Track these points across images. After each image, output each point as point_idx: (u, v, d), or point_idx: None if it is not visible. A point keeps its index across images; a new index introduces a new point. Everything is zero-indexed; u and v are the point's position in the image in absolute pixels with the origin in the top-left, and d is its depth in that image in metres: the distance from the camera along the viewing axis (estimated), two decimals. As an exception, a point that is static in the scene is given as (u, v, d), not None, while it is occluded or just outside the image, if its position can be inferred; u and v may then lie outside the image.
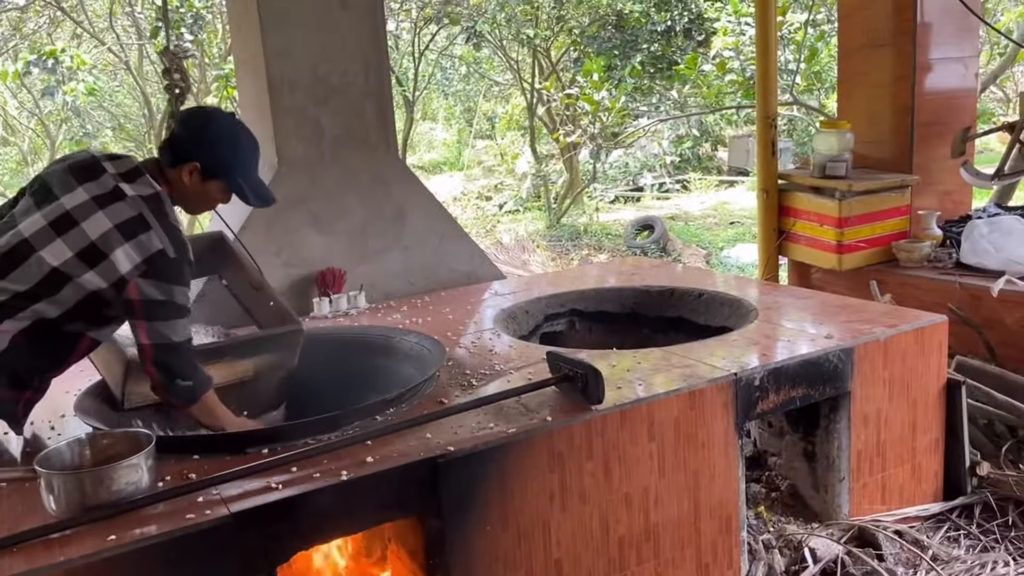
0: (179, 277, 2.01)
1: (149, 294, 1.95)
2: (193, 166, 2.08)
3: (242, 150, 2.15)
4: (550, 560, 2.02)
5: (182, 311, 2.00)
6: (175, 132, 2.14)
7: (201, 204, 2.18)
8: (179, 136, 2.11)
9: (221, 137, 2.12)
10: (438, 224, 3.63)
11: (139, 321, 1.96)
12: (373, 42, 3.40)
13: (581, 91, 8.72)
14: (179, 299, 2.00)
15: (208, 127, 2.12)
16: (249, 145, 2.18)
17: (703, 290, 3.16)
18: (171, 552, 1.60)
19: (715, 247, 9.83)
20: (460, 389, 2.29)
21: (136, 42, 10.02)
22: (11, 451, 2.05)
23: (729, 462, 2.26)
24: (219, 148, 2.11)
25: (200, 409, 2.04)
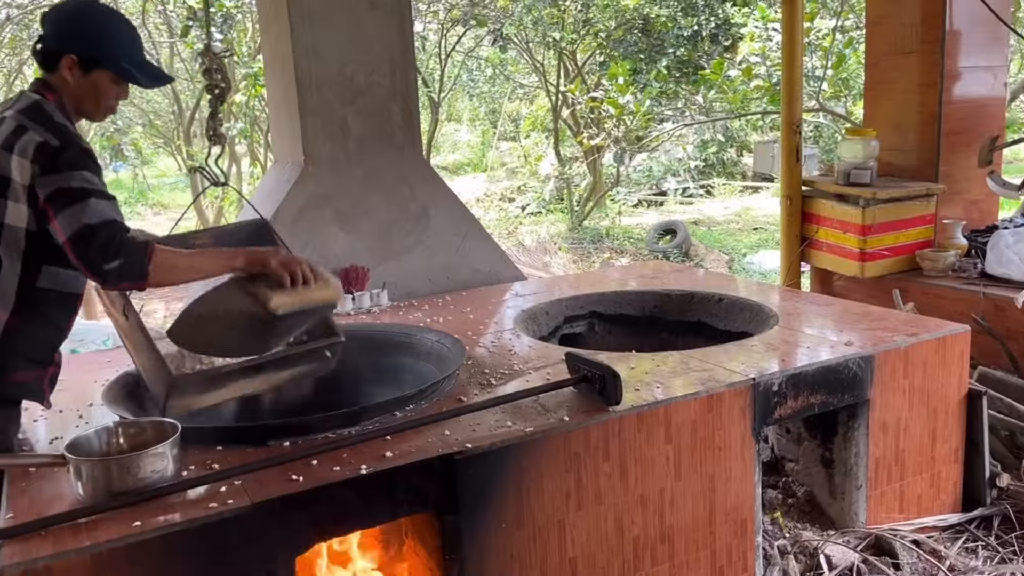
0: (72, 163, 1.87)
1: (48, 188, 1.83)
2: (70, 60, 1.96)
3: (116, 31, 2.03)
4: (565, 559, 2.04)
5: (86, 192, 1.83)
6: (42, 34, 2.02)
7: (96, 102, 2.03)
8: (46, 35, 2.01)
9: (90, 21, 2.01)
10: (461, 224, 3.66)
11: (52, 222, 1.83)
12: (400, 43, 3.43)
13: (606, 94, 8.72)
14: (75, 183, 1.84)
15: (73, 16, 2.01)
16: (122, 25, 2.06)
17: (723, 295, 3.16)
18: (194, 539, 1.63)
19: (738, 253, 9.79)
20: (479, 388, 2.31)
21: (167, 40, 10.16)
22: (38, 437, 2.10)
23: (746, 466, 2.26)
24: (91, 33, 1.99)
25: (160, 272, 1.86)
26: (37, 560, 1.52)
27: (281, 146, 3.60)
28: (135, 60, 2.04)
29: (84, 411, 2.26)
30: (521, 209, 13.15)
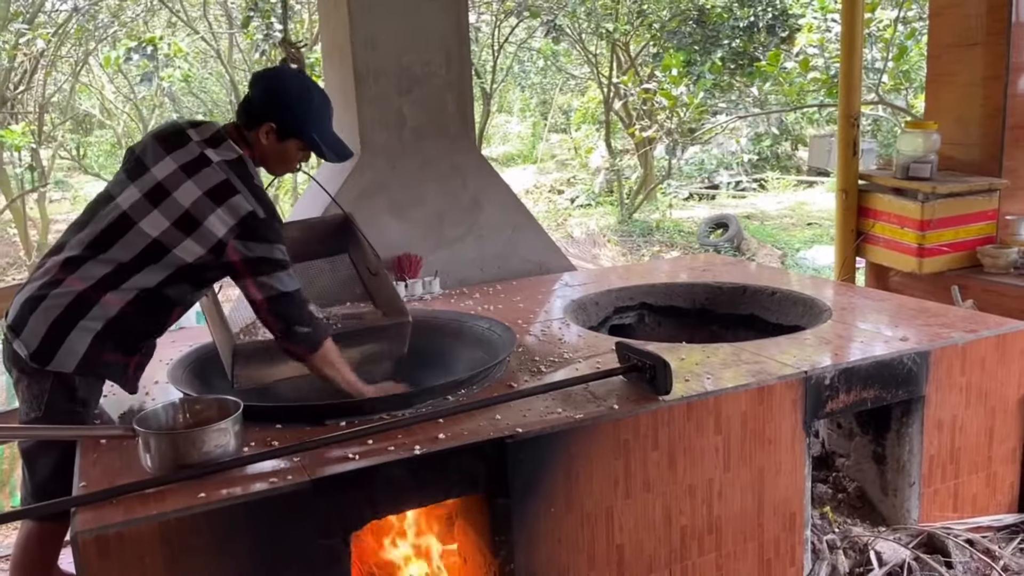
0: (273, 235, 2.07)
1: (249, 253, 2.02)
2: (269, 127, 2.13)
3: (314, 106, 2.18)
4: (612, 545, 2.07)
5: (283, 264, 2.07)
6: (248, 95, 2.20)
7: (281, 164, 2.23)
8: (252, 98, 2.17)
9: (292, 95, 2.16)
10: (512, 214, 3.69)
11: (246, 279, 2.04)
12: (456, 33, 3.47)
13: (659, 86, 8.66)
14: (277, 255, 2.07)
15: (279, 87, 2.18)
16: (321, 101, 2.21)
17: (776, 288, 3.14)
18: (254, 512, 1.69)
19: (791, 248, 9.65)
20: (529, 374, 2.34)
21: (227, 31, 10.37)
22: (109, 412, 2.19)
23: (795, 460, 2.26)
24: (291, 106, 2.15)
25: (323, 359, 2.11)
26: (109, 527, 1.59)
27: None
28: (326, 135, 2.20)
29: (151, 388, 2.35)
30: (570, 201, 13.14)
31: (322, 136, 2.19)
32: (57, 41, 7.61)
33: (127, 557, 1.59)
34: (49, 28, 7.45)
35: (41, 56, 7.84)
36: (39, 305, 2.00)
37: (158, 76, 8.08)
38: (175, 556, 1.63)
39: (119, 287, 2.01)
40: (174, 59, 8.11)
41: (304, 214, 3.48)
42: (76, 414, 2.04)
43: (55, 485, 2.05)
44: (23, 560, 2.18)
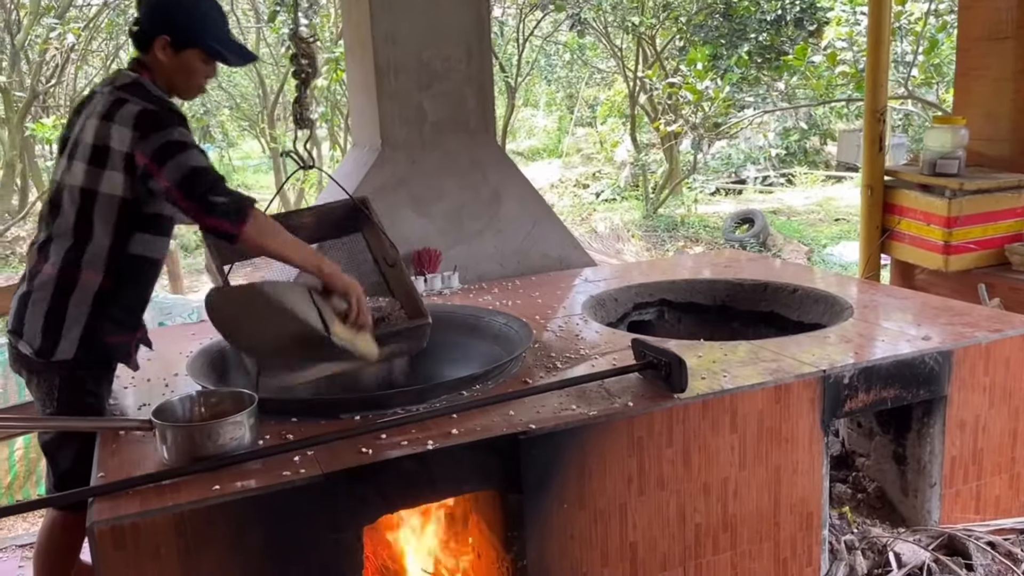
0: (168, 121, 2.00)
1: (150, 146, 1.96)
2: (163, 40, 2.08)
3: (201, 10, 2.14)
4: (625, 543, 2.06)
5: (185, 144, 1.98)
6: (137, 17, 2.16)
7: (187, 80, 2.16)
8: (140, 18, 2.14)
9: (181, 4, 2.13)
10: (532, 209, 3.69)
11: (156, 174, 1.95)
12: (477, 28, 3.47)
13: (684, 80, 8.59)
14: (176, 136, 1.98)
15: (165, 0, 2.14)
16: (209, 5, 2.16)
17: (798, 286, 3.11)
18: (268, 505, 1.71)
19: (818, 244, 9.56)
20: (545, 371, 2.34)
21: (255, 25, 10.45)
22: (127, 403, 2.22)
23: (813, 459, 2.24)
24: (180, 14, 2.11)
25: (259, 231, 1.98)
26: (125, 517, 1.61)
27: (360, 130, 3.68)
28: (223, 39, 2.16)
29: (170, 380, 2.38)
30: (595, 196, 13.10)
31: (220, 41, 2.14)
32: (88, 35, 7.72)
33: (142, 548, 1.61)
34: (80, 22, 7.55)
35: (72, 50, 7.96)
36: (29, 300, 2.05)
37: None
38: (189, 548, 1.65)
39: (85, 258, 2.03)
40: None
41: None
42: (89, 405, 2.07)
43: (77, 476, 2.09)
44: (47, 548, 2.23)
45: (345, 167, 3.80)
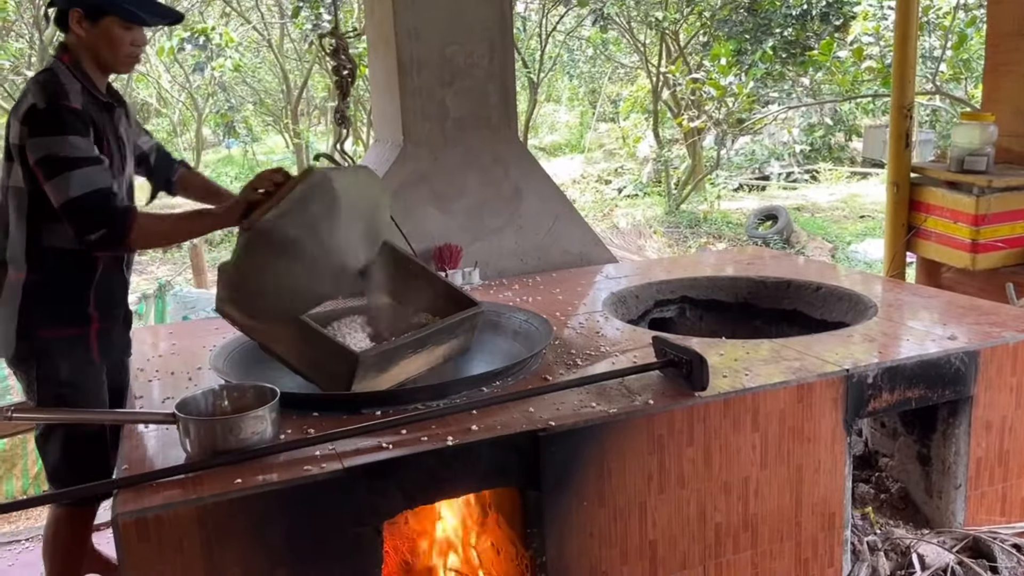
0: (55, 127, 1.94)
1: (36, 154, 1.95)
2: (76, 14, 2.03)
3: None
4: (645, 541, 2.05)
5: (69, 162, 1.93)
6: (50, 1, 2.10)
7: (113, 52, 2.08)
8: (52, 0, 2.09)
9: None
10: (553, 205, 3.68)
11: (42, 182, 1.96)
12: (499, 24, 3.46)
13: (708, 75, 8.53)
14: (58, 150, 1.93)
15: None
16: None
17: (821, 283, 3.08)
18: (289, 499, 1.72)
19: (842, 241, 9.47)
20: (565, 367, 2.34)
21: (278, 21, 10.51)
22: (152, 397, 2.25)
23: (835, 459, 2.22)
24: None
25: (141, 234, 2.00)
26: (148, 510, 1.63)
27: (382, 126, 3.69)
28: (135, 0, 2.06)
29: (193, 374, 2.40)
30: (617, 191, 13.07)
31: (132, 1, 2.04)
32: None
33: (166, 540, 1.63)
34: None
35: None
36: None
37: (210, 66, 8.22)
38: (212, 540, 1.66)
39: (7, 253, 2.06)
40: (225, 49, 8.24)
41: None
42: (62, 397, 2.09)
43: (66, 471, 2.13)
44: (54, 542, 2.27)
45: (367, 162, 3.81)
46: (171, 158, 2.53)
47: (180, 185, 2.52)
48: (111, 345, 2.25)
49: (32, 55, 8.04)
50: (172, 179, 2.50)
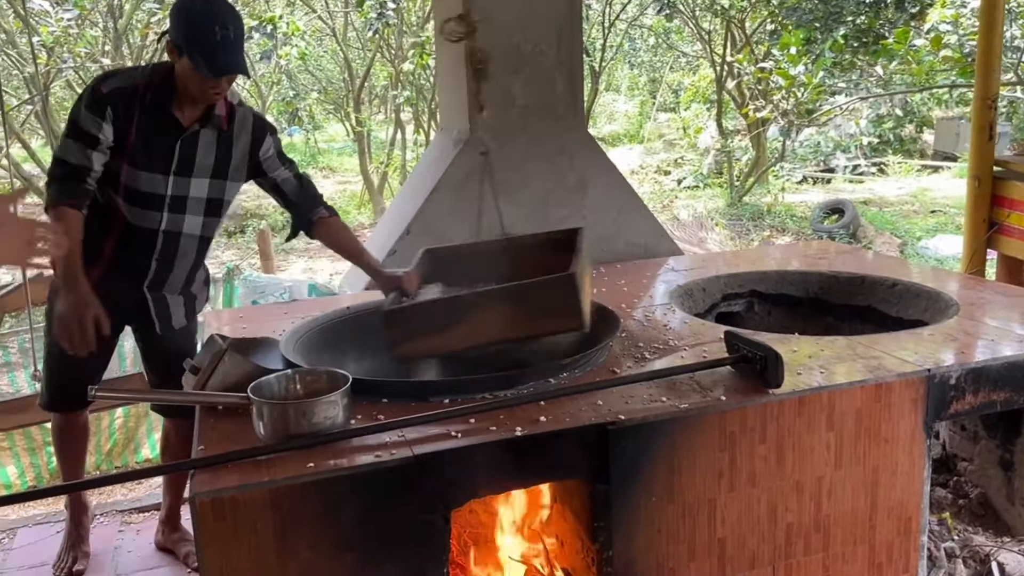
0: (77, 104, 2.30)
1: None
2: (169, 44, 2.24)
3: (188, 17, 2.20)
4: (714, 538, 2.02)
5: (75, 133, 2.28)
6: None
7: (186, 86, 2.28)
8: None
9: (178, 9, 2.23)
10: (619, 196, 3.64)
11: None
12: (568, 12, 3.42)
13: (776, 64, 8.33)
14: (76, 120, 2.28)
15: (176, 3, 2.26)
16: (198, 12, 2.20)
17: (897, 280, 2.98)
18: (360, 485, 1.73)
19: (911, 236, 9.19)
20: (632, 360, 2.30)
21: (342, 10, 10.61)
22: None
23: (914, 462, 2.14)
24: (176, 20, 2.23)
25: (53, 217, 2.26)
26: (224, 490, 1.66)
27: (448, 114, 3.69)
28: (205, 48, 2.18)
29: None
30: (677, 183, 12.90)
31: (200, 49, 2.18)
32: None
33: (240, 521, 1.66)
34: (178, 8, 7.79)
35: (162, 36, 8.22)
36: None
37: (276, 54, 8.34)
38: (284, 522, 1.68)
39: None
40: (291, 38, 8.36)
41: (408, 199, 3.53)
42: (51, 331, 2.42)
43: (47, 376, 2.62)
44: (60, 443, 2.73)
45: (432, 151, 3.82)
46: (313, 197, 2.59)
47: (319, 231, 2.58)
48: (108, 300, 2.36)
49: (106, 43, 8.27)
50: (312, 220, 2.57)
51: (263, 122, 2.56)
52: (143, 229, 2.43)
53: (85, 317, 2.25)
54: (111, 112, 2.29)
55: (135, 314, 2.56)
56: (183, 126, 2.39)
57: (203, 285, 2.71)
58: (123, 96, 2.31)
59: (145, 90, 2.34)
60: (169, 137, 2.38)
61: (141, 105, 2.34)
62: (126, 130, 2.33)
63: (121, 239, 2.44)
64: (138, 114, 2.33)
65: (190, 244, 2.52)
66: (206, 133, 2.43)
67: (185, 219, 2.47)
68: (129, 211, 2.41)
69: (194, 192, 2.45)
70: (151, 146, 2.37)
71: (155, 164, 2.38)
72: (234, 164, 2.50)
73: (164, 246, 2.48)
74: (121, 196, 2.39)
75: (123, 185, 2.38)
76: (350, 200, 11.97)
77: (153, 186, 2.39)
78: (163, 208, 2.42)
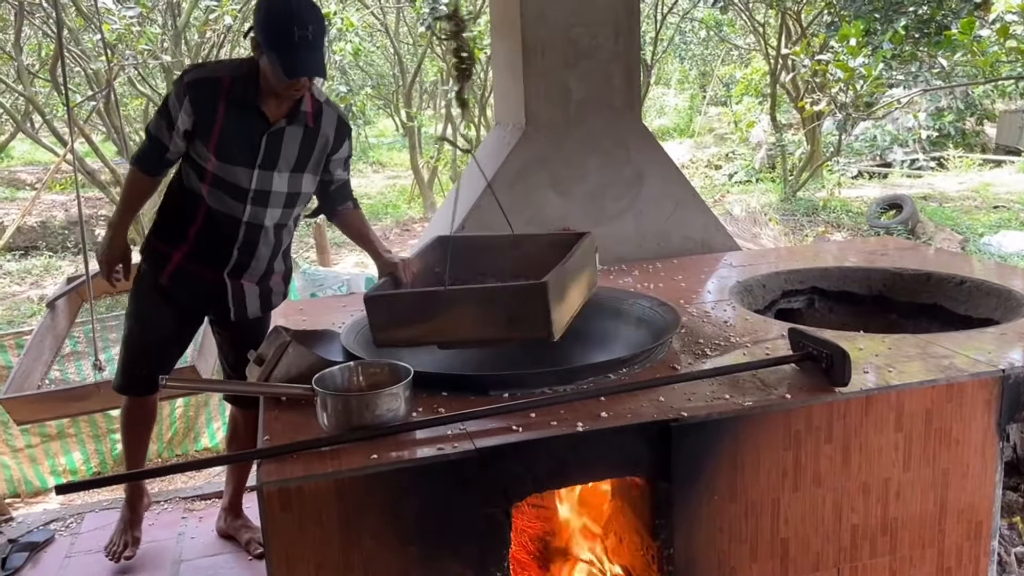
0: (174, 83, 2.43)
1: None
2: (253, 40, 2.31)
3: (268, 16, 2.24)
4: (776, 538, 1.99)
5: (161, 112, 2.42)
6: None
7: (267, 82, 2.34)
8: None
9: (259, 5, 2.28)
10: (675, 190, 3.60)
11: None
12: (626, 4, 3.39)
13: (836, 56, 8.15)
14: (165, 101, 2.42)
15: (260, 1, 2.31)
16: (277, 11, 2.23)
17: (965, 277, 2.90)
18: (423, 477, 1.74)
19: (973, 233, 8.94)
20: (693, 357, 2.28)
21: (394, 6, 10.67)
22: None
23: (985, 464, 2.08)
24: (257, 16, 2.28)
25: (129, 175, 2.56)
26: (290, 480, 1.68)
27: (504, 108, 3.69)
28: (281, 49, 2.22)
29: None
30: (728, 177, 12.73)
31: (277, 50, 2.23)
32: (242, 17, 8.09)
33: (306, 510, 1.68)
34: (236, 4, 7.93)
35: (228, 31, 8.36)
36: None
37: (331, 49, 8.42)
38: (349, 513, 1.70)
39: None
40: (346, 33, 8.43)
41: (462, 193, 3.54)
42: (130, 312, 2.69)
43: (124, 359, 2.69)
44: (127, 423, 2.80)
45: (487, 146, 3.82)
46: (347, 193, 2.72)
47: (340, 218, 2.72)
48: (188, 283, 2.56)
49: (165, 40, 8.45)
50: (337, 209, 2.70)
51: (346, 124, 2.60)
52: (226, 217, 2.48)
53: (113, 260, 2.63)
54: (189, 102, 2.36)
55: (213, 300, 2.61)
56: (269, 121, 2.42)
57: (282, 280, 2.73)
58: (205, 87, 2.37)
59: (231, 84, 2.38)
60: (255, 132, 2.41)
61: (226, 98, 2.37)
62: (210, 121, 2.38)
63: (204, 225, 2.50)
64: (222, 107, 2.38)
65: (271, 236, 2.57)
66: (292, 130, 2.45)
67: (267, 212, 2.51)
68: (213, 199, 2.47)
69: (276, 187, 2.49)
70: (236, 139, 2.41)
71: (240, 157, 2.42)
72: (314, 159, 2.54)
73: (246, 236, 2.52)
74: (207, 184, 2.45)
75: (209, 173, 2.44)
76: (400, 195, 12.06)
77: (237, 178, 2.43)
78: (246, 200, 2.47)
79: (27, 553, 2.92)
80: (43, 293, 7.53)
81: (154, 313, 2.60)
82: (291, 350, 2.05)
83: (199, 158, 2.43)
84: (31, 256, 9.15)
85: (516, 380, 2.08)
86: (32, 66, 9.76)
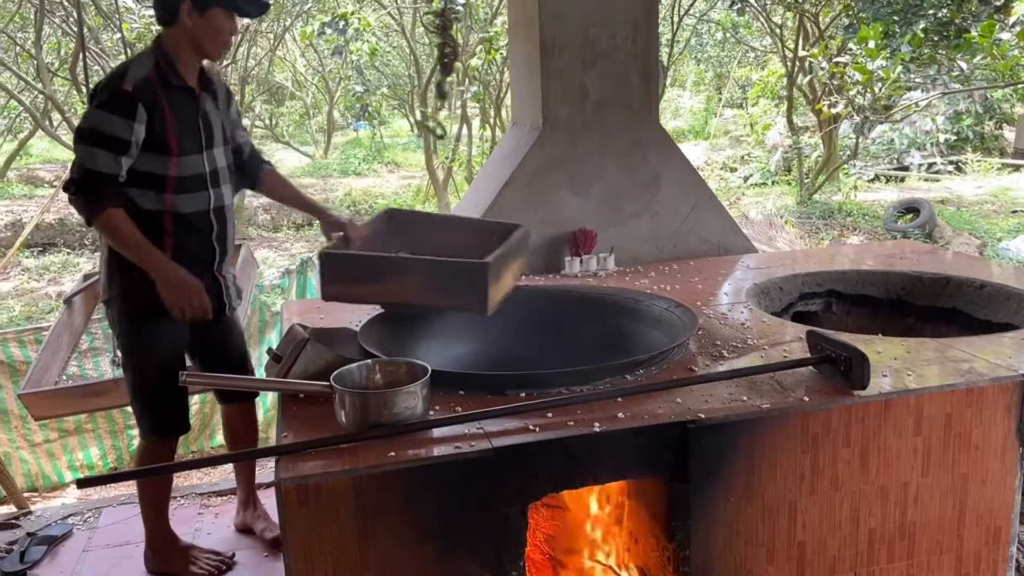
0: (99, 101, 2.24)
1: (80, 122, 2.31)
2: (187, 6, 2.29)
3: None
4: (793, 541, 1.98)
5: (101, 140, 2.23)
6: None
7: (215, 39, 2.35)
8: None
9: None
10: (692, 192, 3.59)
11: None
12: (644, 5, 3.38)
13: (854, 59, 8.10)
14: (90, 122, 2.24)
15: None
16: None
17: (985, 281, 2.87)
18: (440, 475, 1.74)
19: (991, 237, 8.87)
20: (710, 359, 2.27)
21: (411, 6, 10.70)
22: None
23: (1005, 470, 2.07)
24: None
25: (102, 227, 2.30)
26: (308, 477, 1.69)
27: (521, 108, 3.69)
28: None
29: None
30: (743, 180, 12.67)
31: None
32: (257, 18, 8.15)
33: (324, 506, 1.69)
34: (252, 5, 7.97)
35: (244, 32, 8.41)
36: None
37: (348, 49, 8.46)
38: (366, 510, 1.71)
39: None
40: (363, 33, 8.46)
41: (480, 193, 3.54)
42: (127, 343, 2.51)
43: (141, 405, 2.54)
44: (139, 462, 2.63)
45: (504, 146, 3.82)
46: (260, 158, 2.77)
47: (267, 184, 2.76)
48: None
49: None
50: (259, 175, 2.74)
51: (221, 81, 2.62)
52: (196, 216, 2.45)
53: (195, 288, 2.41)
54: (142, 109, 2.27)
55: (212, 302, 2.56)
56: (196, 94, 2.43)
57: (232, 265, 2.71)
58: (147, 88, 2.29)
59: (157, 74, 2.33)
60: (192, 113, 2.42)
61: (162, 89, 2.33)
62: (161, 121, 2.32)
63: (177, 235, 2.42)
64: (163, 100, 2.32)
65: (230, 214, 2.59)
66: (205, 98, 2.47)
67: (223, 190, 2.53)
68: (182, 204, 2.41)
69: (220, 162, 2.52)
70: (186, 127, 2.39)
71: (193, 144, 2.42)
72: (226, 125, 2.58)
73: (218, 223, 2.52)
74: (170, 192, 2.38)
75: (172, 179, 2.37)
76: (415, 195, 12.08)
77: (196, 167, 2.42)
78: (207, 186, 2.46)
79: (45, 547, 2.95)
80: (61, 290, 7.60)
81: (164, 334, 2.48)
82: (309, 348, 2.06)
83: (157, 168, 2.34)
84: (49, 253, 9.23)
85: (533, 380, 2.08)
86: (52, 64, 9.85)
